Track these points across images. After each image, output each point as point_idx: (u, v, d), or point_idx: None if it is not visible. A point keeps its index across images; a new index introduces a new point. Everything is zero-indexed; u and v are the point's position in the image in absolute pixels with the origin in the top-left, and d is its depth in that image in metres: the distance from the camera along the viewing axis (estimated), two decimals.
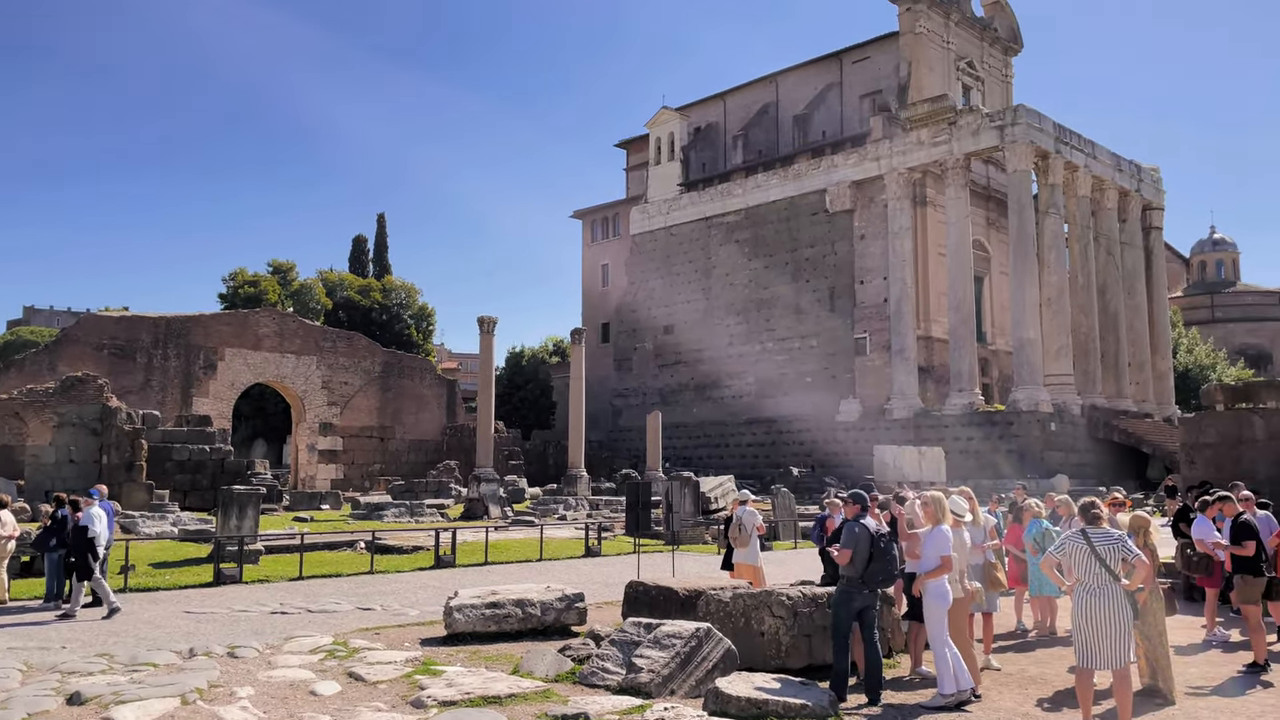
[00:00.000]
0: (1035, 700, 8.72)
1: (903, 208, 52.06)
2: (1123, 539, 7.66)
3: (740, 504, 13.77)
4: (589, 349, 56.30)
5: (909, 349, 50.85)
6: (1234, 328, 79.53)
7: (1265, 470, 17.31)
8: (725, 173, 64.55)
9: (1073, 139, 51.37)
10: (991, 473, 44.56)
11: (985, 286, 56.99)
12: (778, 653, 9.23)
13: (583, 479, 40.94)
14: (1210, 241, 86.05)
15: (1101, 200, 53.61)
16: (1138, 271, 55.78)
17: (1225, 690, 9.16)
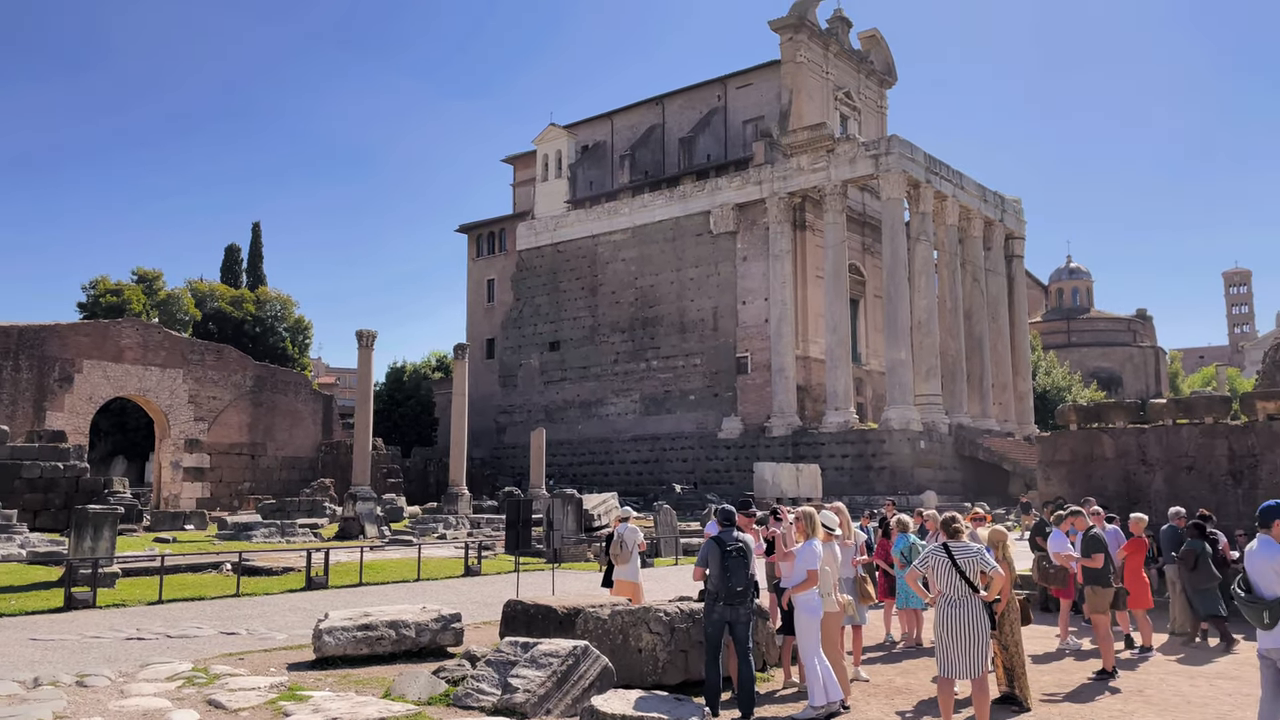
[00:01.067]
0: (899, 710, 9.01)
1: (783, 231, 53.44)
2: (981, 552, 8.01)
3: (622, 521, 13.79)
4: (473, 365, 55.66)
5: (788, 368, 52.11)
6: (1088, 352, 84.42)
7: (1114, 486, 18.39)
8: (613, 191, 64.99)
9: (942, 169, 53.79)
10: (865, 489, 46.00)
11: (860, 309, 58.94)
12: (655, 669, 9.27)
13: (464, 497, 40.32)
14: (1067, 270, 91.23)
15: (968, 229, 56.25)
16: (1001, 297, 58.69)
17: (1077, 696, 9.65)
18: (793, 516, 9.65)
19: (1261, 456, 16.90)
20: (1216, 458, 17.41)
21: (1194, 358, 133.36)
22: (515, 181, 75.10)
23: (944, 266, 55.02)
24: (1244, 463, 17.10)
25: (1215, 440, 17.48)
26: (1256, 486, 16.60)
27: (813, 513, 9.11)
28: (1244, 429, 17.27)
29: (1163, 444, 18.07)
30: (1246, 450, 17.10)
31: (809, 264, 55.33)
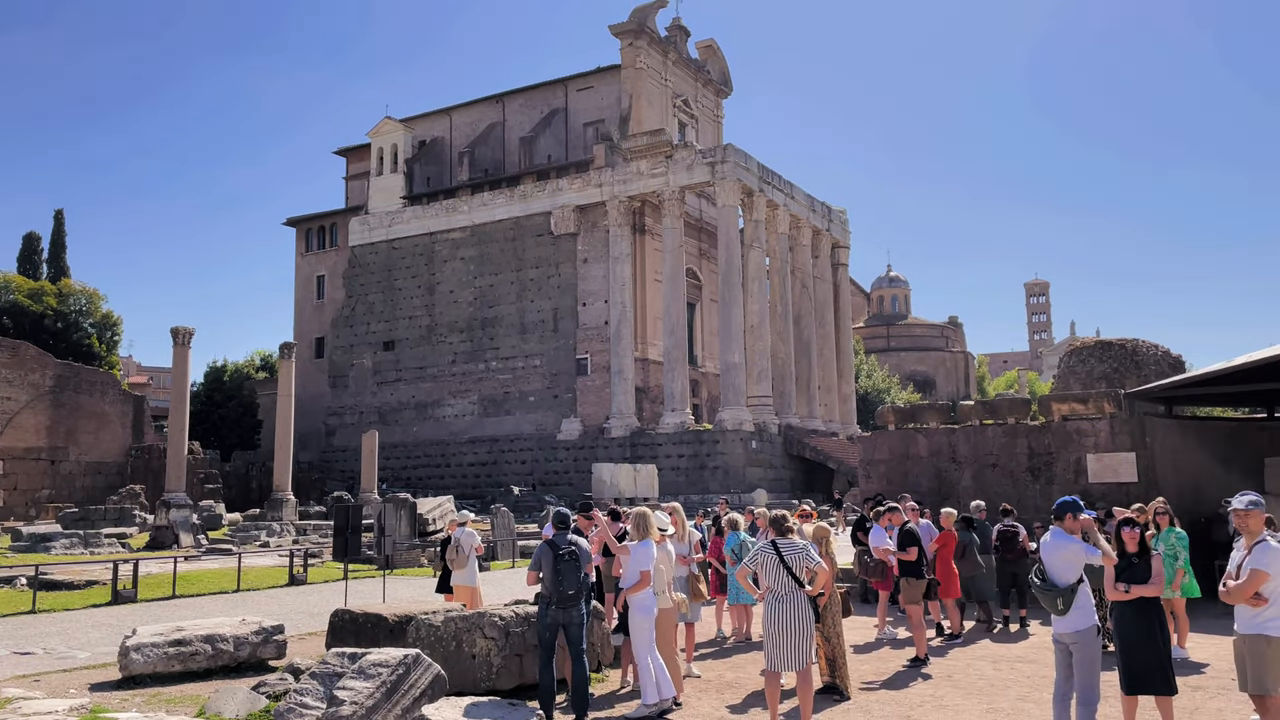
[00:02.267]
0: (729, 704, 9.25)
1: (623, 234, 54.02)
2: (807, 548, 8.33)
3: (459, 525, 13.56)
4: (301, 365, 53.42)
5: (627, 370, 52.69)
6: (905, 356, 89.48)
7: (927, 483, 19.52)
8: (451, 189, 63.86)
9: (774, 179, 55.74)
10: (700, 488, 47.07)
11: (697, 312, 60.28)
12: (489, 674, 9.16)
13: (289, 503, 38.63)
14: (887, 279, 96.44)
15: (798, 237, 58.52)
16: (827, 303, 61.39)
17: (893, 684, 10.19)
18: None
19: (1057, 455, 18.34)
20: (1018, 455, 18.77)
21: (999, 362, 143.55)
22: (348, 175, 72.60)
23: (775, 273, 57.01)
24: (1041, 460, 18.51)
25: (1017, 439, 18.85)
26: (1052, 482, 18.00)
27: (646, 513, 9.22)
28: (1042, 429, 18.70)
29: (971, 443, 19.33)
30: (1044, 449, 18.52)
31: (648, 267, 56.14)
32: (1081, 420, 18.28)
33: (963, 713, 8.78)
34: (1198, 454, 19.21)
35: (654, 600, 8.88)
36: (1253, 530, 6.89)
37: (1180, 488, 17.45)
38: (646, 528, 9.00)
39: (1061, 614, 7.11)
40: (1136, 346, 31.72)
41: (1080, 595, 7.10)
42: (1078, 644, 7.10)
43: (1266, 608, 6.77)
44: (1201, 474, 18.31)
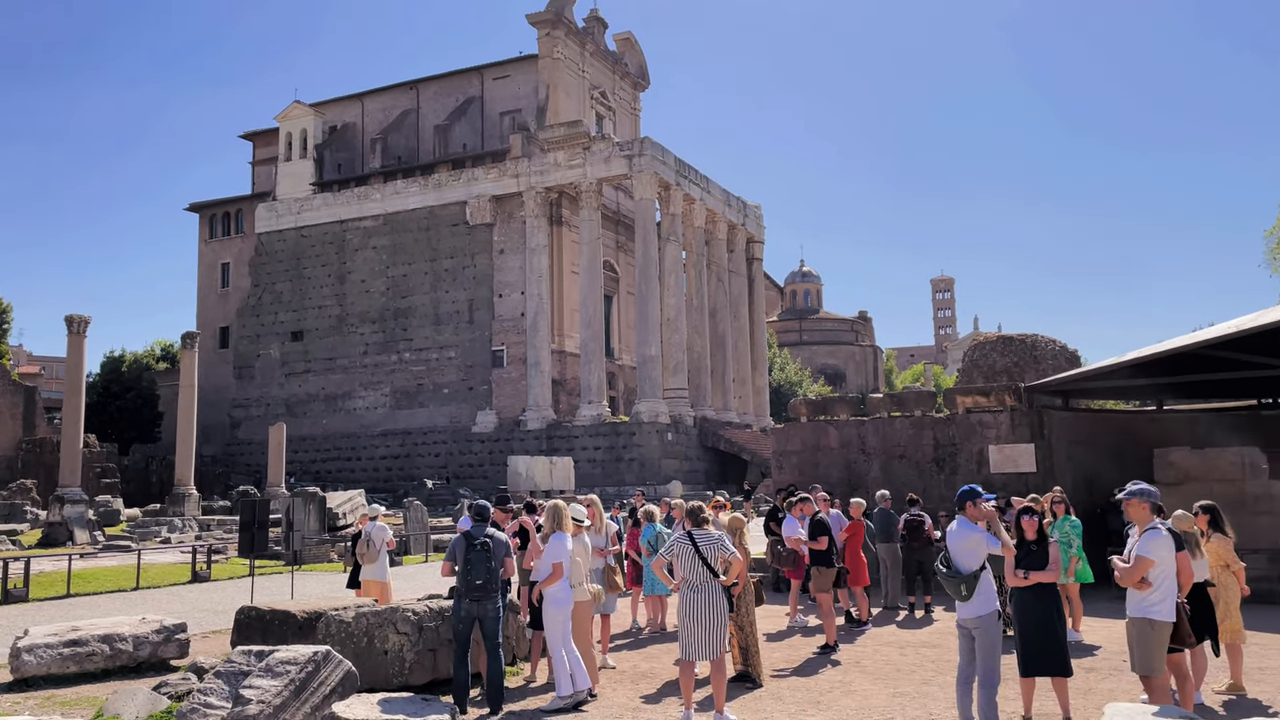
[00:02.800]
0: (644, 695, 9.32)
1: (540, 225, 53.70)
2: (722, 539, 8.44)
3: (370, 519, 13.34)
4: (204, 355, 51.73)
5: (544, 362, 52.45)
6: (817, 349, 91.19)
7: (838, 474, 19.95)
8: (363, 176, 62.54)
9: (691, 173, 56.10)
10: (616, 480, 47.20)
11: (614, 305, 60.33)
12: (401, 670, 9.04)
13: (192, 497, 37.41)
14: (800, 274, 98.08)
15: (714, 232, 59.05)
16: (742, 297, 62.12)
17: (804, 670, 10.40)
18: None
19: (960, 446, 18.94)
20: (924, 447, 19.32)
21: (906, 356, 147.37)
22: (255, 160, 70.46)
23: (691, 266, 57.42)
24: (946, 451, 19.09)
25: (923, 431, 19.39)
26: (956, 472, 18.58)
27: (560, 505, 9.21)
28: (946, 421, 19.28)
29: (879, 435, 19.81)
30: (948, 440, 19.10)
31: (565, 259, 55.94)
32: (984, 413, 18.90)
33: (870, 697, 9.01)
34: (1092, 445, 20.05)
35: (569, 593, 8.88)
36: (1140, 519, 7.25)
37: (1076, 477, 18.20)
38: (560, 520, 8.99)
39: (965, 600, 7.35)
40: (1036, 342, 32.94)
41: (983, 582, 7.36)
42: (980, 629, 7.35)
43: (1151, 592, 7.13)
44: (1095, 464, 19.12)
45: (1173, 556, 7.11)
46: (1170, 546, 7.11)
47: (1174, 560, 7.11)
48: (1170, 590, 7.13)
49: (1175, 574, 7.13)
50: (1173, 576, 7.13)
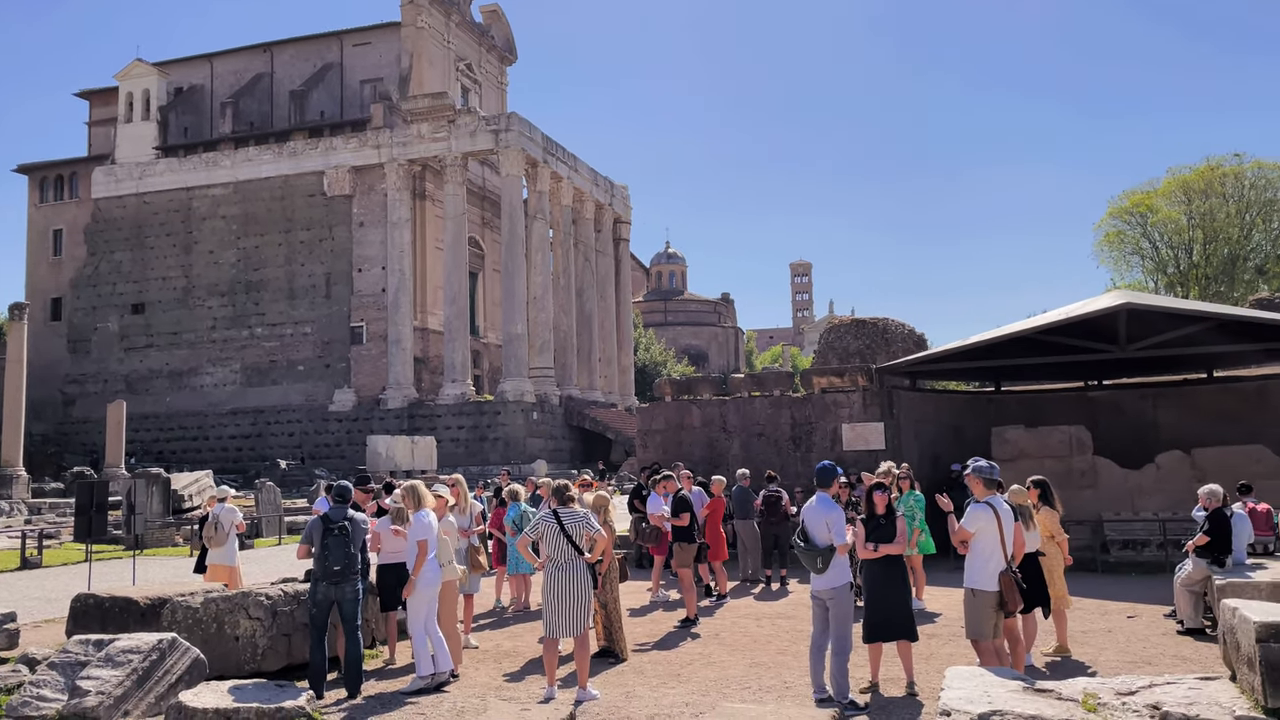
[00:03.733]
0: (506, 673, 9.32)
1: (402, 199, 52.32)
2: (587, 517, 8.51)
3: (218, 501, 12.78)
4: (35, 327, 48.26)
5: (406, 339, 51.29)
6: (681, 330, 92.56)
7: (700, 452, 20.37)
8: (212, 141, 59.38)
9: (559, 151, 55.76)
10: (480, 460, 46.74)
11: (479, 282, 59.49)
12: (254, 656, 8.75)
13: (20, 479, 34.94)
14: (666, 255, 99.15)
15: (581, 210, 58.95)
16: (609, 278, 62.34)
17: (664, 644, 10.61)
18: (398, 492, 9.55)
19: (816, 424, 19.63)
20: (781, 425, 19.93)
21: (766, 338, 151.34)
22: (92, 120, 65.84)
23: (558, 245, 57.20)
24: (802, 430, 19.76)
25: (781, 411, 20.01)
26: (812, 450, 19.26)
27: (419, 485, 9.06)
28: (803, 400, 19.95)
29: (740, 414, 20.33)
30: (805, 419, 19.77)
31: (429, 234, 54.73)
32: (838, 393, 19.63)
33: (728, 668, 9.28)
34: (936, 423, 21.13)
35: (437, 572, 8.77)
36: (977, 492, 7.72)
37: (921, 454, 19.16)
38: (420, 499, 8.85)
39: (821, 572, 7.66)
40: (886, 325, 34.37)
41: (837, 554, 7.68)
42: (835, 599, 7.68)
43: (972, 561, 7.64)
44: (939, 442, 20.17)
45: (993, 528, 7.56)
46: (991, 519, 7.57)
47: (996, 532, 7.57)
48: (990, 560, 7.58)
49: (999, 545, 7.59)
50: (994, 547, 7.58)
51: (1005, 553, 7.57)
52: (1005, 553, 7.57)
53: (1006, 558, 7.58)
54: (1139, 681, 5.68)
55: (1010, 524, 7.67)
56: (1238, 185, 46.78)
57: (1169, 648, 9.78)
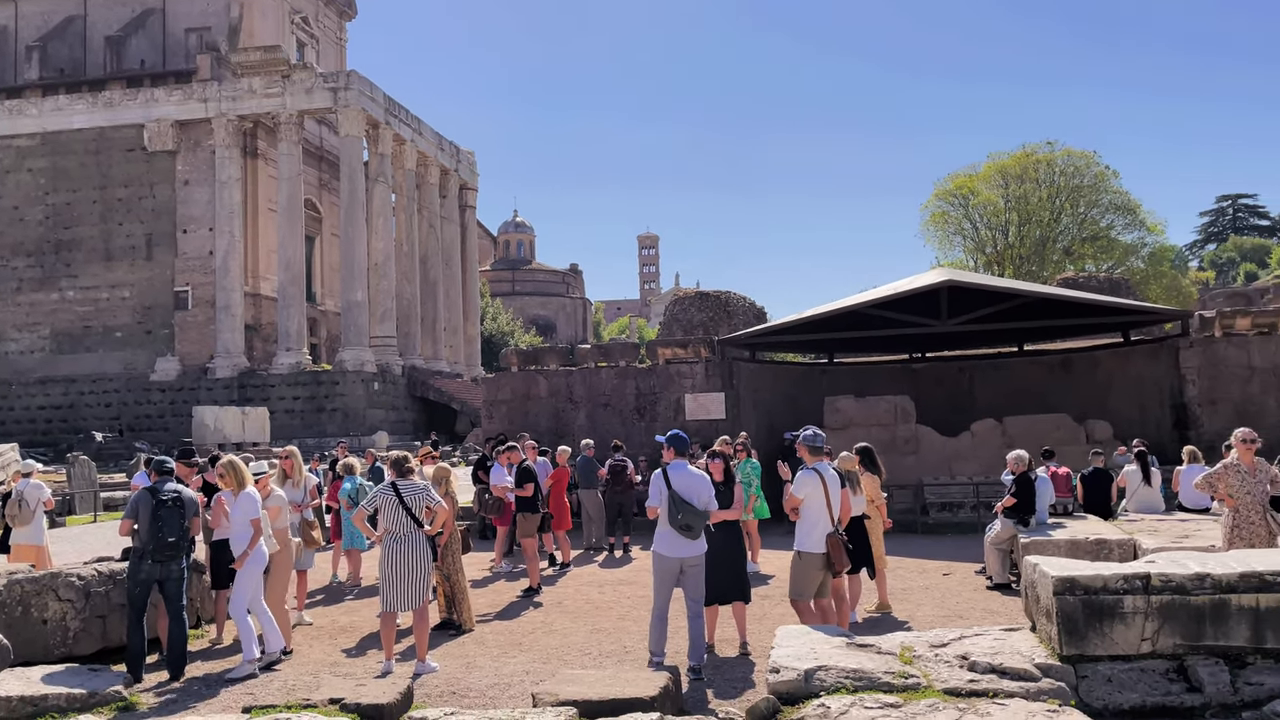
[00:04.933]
0: (343, 649, 9.10)
1: (232, 156, 49.52)
2: (427, 489, 8.37)
3: (22, 476, 11.86)
4: None
5: (236, 305, 48.80)
6: (529, 300, 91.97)
7: (546, 422, 20.38)
8: (16, 88, 54.33)
9: (402, 113, 54.03)
10: (317, 431, 45.16)
11: (316, 247, 57.16)
12: (64, 640, 8.21)
13: None
14: (514, 224, 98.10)
15: (426, 175, 57.42)
16: (455, 245, 61.12)
17: (507, 614, 10.61)
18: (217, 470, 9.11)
19: (660, 395, 19.98)
20: (627, 396, 20.19)
21: (614, 309, 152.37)
22: None
23: (402, 210, 55.59)
24: (647, 400, 20.07)
25: (627, 381, 20.25)
26: (656, 420, 19.60)
27: (236, 461, 8.67)
28: (648, 371, 20.25)
29: (587, 384, 20.45)
30: (650, 389, 20.08)
31: (261, 195, 52.06)
32: (682, 364, 20.03)
33: (570, 635, 9.38)
34: (774, 393, 21.88)
35: (264, 550, 8.44)
36: (805, 460, 8.02)
37: (759, 423, 19.81)
38: (240, 476, 8.46)
39: (695, 538, 7.73)
40: (729, 298, 35.28)
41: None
42: (697, 567, 7.78)
43: (801, 525, 7.97)
44: (777, 411, 20.90)
45: (819, 494, 7.87)
46: (817, 485, 7.89)
47: (823, 497, 7.89)
48: (817, 525, 7.91)
49: (825, 509, 7.91)
50: (821, 511, 7.91)
51: (831, 517, 7.92)
52: (831, 517, 7.92)
53: (833, 521, 7.93)
54: (950, 634, 6.09)
55: (837, 489, 8.01)
56: (1050, 171, 50.24)
57: (979, 602, 10.53)
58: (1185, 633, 5.30)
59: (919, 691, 5.15)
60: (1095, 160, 50.25)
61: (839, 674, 5.40)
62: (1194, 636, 5.30)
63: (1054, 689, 5.17)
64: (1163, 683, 5.26)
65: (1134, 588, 5.39)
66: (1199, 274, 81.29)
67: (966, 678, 5.34)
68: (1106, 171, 50.34)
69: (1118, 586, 5.41)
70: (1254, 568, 5.42)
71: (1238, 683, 5.17)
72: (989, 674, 5.36)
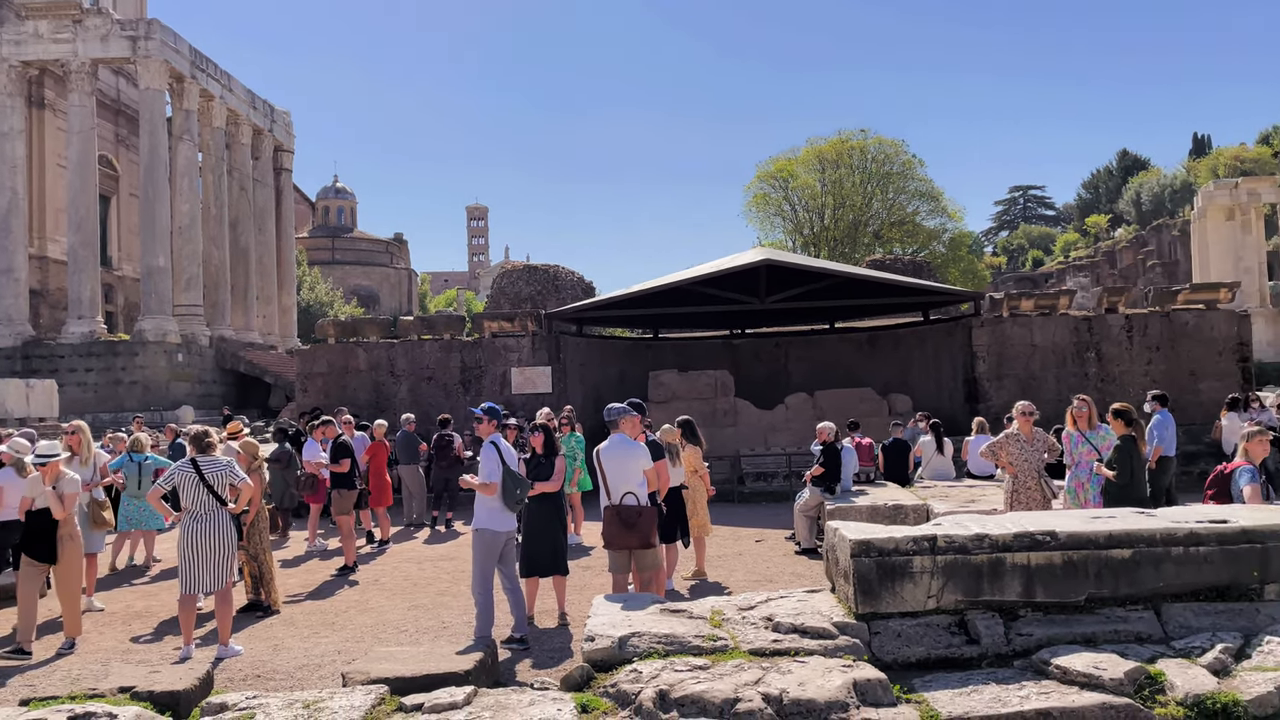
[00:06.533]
0: (136, 635, 8.57)
1: (15, 106, 44.95)
2: (231, 465, 7.96)
3: None
4: None
5: (19, 269, 44.52)
6: (350, 270, 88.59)
7: (366, 396, 19.78)
8: None
9: (210, 67, 50.67)
10: (114, 406, 42.02)
11: (113, 208, 52.96)
12: None
13: None
14: (334, 189, 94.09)
15: (237, 135, 54.16)
16: (269, 210, 58.02)
17: (319, 593, 10.26)
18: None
19: (486, 368, 19.77)
20: (451, 369, 19.86)
21: (441, 281, 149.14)
22: None
23: (209, 171, 52.20)
24: (472, 374, 19.82)
25: (451, 354, 19.91)
26: (481, 394, 19.38)
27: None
28: (474, 344, 19.98)
29: (409, 357, 19.97)
30: (475, 363, 19.83)
31: (49, 150, 47.66)
32: (508, 337, 19.89)
33: (386, 613, 9.18)
34: (601, 368, 22.08)
35: None
36: (627, 433, 8.14)
37: (586, 397, 19.96)
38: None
39: (516, 510, 7.73)
40: (558, 272, 35.25)
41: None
42: (512, 539, 7.81)
43: None
44: (603, 385, 21.12)
45: (495, 464, 7.89)
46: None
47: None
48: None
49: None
50: None
51: (608, 489, 7.93)
52: (608, 489, 7.93)
53: (608, 494, 7.95)
54: (757, 597, 6.36)
55: (617, 464, 7.97)
56: (863, 158, 52.78)
57: (788, 566, 11.05)
58: (966, 589, 5.74)
59: (726, 653, 5.35)
60: (904, 149, 53.16)
61: (651, 639, 5.53)
62: (974, 593, 5.74)
63: (849, 645, 5.48)
64: (945, 636, 5.67)
65: (922, 549, 5.78)
66: (993, 259, 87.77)
67: (771, 638, 5.59)
68: (913, 160, 53.36)
69: (908, 548, 5.79)
70: (1026, 528, 5.92)
71: (1010, 634, 5.64)
72: (792, 634, 5.63)
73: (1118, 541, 5.72)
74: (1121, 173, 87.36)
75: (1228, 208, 42.81)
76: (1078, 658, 5.12)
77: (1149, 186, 76.65)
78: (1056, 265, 72.93)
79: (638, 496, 7.82)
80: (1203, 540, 5.71)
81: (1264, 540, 5.71)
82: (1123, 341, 18.91)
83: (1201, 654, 5.18)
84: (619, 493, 7.82)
